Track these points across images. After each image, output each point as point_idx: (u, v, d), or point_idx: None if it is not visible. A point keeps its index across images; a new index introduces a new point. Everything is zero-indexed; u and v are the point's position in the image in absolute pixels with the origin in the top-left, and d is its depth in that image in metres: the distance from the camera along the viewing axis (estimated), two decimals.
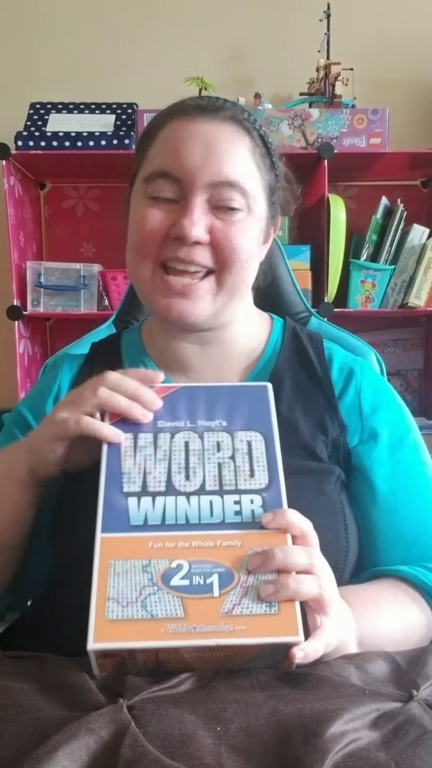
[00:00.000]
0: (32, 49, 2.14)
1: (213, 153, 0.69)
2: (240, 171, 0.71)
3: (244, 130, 0.72)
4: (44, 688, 0.53)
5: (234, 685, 0.51)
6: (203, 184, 0.69)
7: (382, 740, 0.45)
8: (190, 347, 0.77)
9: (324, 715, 0.46)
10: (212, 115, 0.71)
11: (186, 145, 0.69)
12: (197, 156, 0.69)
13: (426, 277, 1.89)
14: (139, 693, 0.50)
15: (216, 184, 0.69)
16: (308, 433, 0.73)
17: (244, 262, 0.72)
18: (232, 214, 0.71)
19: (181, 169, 0.69)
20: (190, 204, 0.69)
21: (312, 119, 1.90)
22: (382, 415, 0.77)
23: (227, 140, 0.71)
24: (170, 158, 0.70)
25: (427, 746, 0.44)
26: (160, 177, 0.70)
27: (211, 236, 0.70)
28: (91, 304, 1.93)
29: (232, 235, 0.70)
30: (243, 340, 0.80)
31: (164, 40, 2.13)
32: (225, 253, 0.70)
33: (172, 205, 0.70)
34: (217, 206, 0.70)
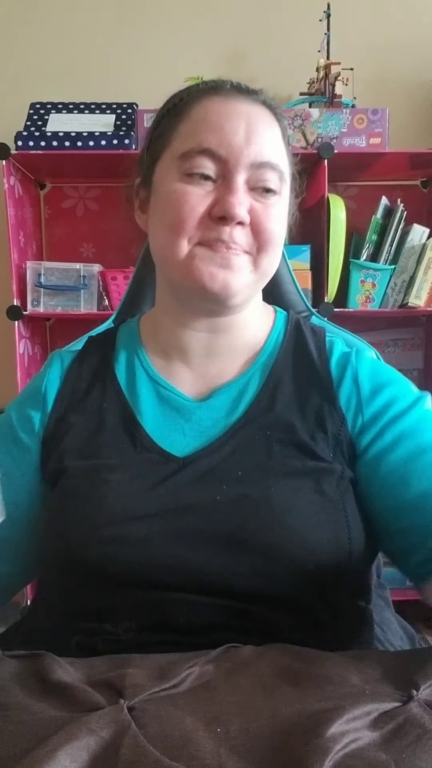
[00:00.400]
0: (32, 49, 2.14)
1: (256, 132, 0.69)
2: (278, 154, 0.71)
3: (276, 117, 0.73)
4: (44, 688, 0.53)
5: (234, 686, 0.51)
6: (246, 163, 0.68)
7: (382, 740, 0.45)
8: (198, 335, 0.76)
9: (324, 715, 0.46)
10: (249, 96, 0.71)
11: (231, 121, 0.68)
12: (241, 133, 0.68)
13: (426, 277, 1.89)
14: (139, 693, 0.50)
15: (258, 165, 0.69)
16: (306, 432, 0.72)
17: (277, 246, 0.72)
18: (268, 197, 0.70)
19: (227, 146, 0.68)
20: (234, 183, 0.68)
21: (312, 119, 1.90)
22: (384, 394, 0.74)
23: (267, 123, 0.71)
24: (213, 135, 0.68)
25: (427, 746, 0.44)
26: (201, 154, 0.68)
27: (251, 217, 0.69)
28: (91, 304, 1.93)
29: (270, 218, 0.70)
30: (249, 331, 0.79)
31: (164, 40, 2.13)
32: (263, 235, 0.70)
33: (210, 184, 0.69)
34: (254, 188, 0.70)
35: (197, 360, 0.77)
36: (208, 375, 0.77)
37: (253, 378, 0.76)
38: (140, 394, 0.76)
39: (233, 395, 0.75)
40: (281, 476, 0.68)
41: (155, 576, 0.65)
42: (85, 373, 0.80)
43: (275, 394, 0.75)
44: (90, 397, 0.77)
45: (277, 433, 0.71)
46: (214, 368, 0.77)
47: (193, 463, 0.70)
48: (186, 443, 0.73)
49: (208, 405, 0.75)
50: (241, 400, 0.75)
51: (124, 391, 0.77)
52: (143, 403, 0.76)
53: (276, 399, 0.74)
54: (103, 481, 0.69)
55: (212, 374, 0.77)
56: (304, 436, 0.71)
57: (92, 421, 0.75)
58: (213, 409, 0.74)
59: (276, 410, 0.73)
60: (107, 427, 0.74)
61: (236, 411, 0.74)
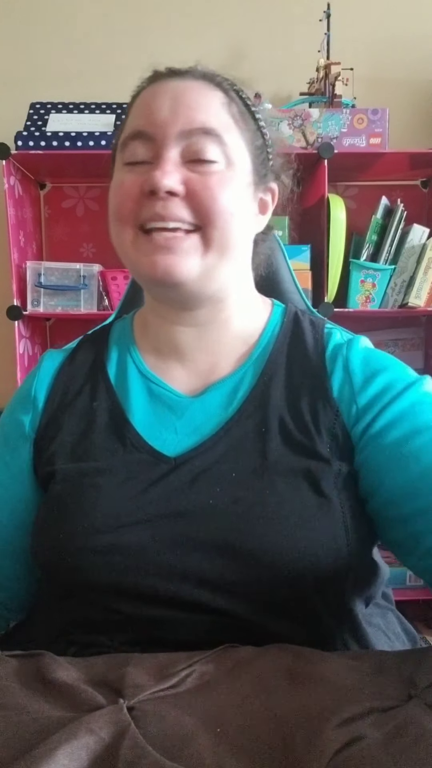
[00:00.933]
0: (32, 49, 2.14)
1: (182, 103, 0.67)
2: (213, 118, 0.68)
3: (216, 85, 0.70)
4: (44, 688, 0.53)
5: (234, 686, 0.51)
6: (174, 134, 0.66)
7: (382, 740, 0.45)
8: (185, 330, 0.74)
9: (324, 715, 0.46)
10: (182, 74, 0.70)
11: (155, 101, 0.68)
12: (166, 109, 0.67)
13: (426, 277, 1.89)
14: (139, 693, 0.50)
15: (188, 133, 0.66)
16: (302, 428, 0.69)
17: (228, 215, 0.67)
18: (208, 166, 0.67)
19: (153, 123, 0.67)
20: (161, 158, 0.66)
21: (312, 119, 1.90)
22: (378, 381, 0.70)
23: (197, 92, 0.69)
24: (141, 118, 0.68)
25: (427, 746, 0.44)
26: (133, 139, 0.68)
27: (186, 188, 0.66)
28: (91, 304, 1.93)
29: (211, 185, 0.66)
30: (240, 324, 0.76)
31: (164, 39, 2.13)
32: (205, 204, 0.66)
33: (147, 166, 0.68)
34: (192, 159, 0.67)
35: (189, 355, 0.75)
36: (202, 371, 0.75)
37: (248, 372, 0.74)
38: (131, 391, 0.75)
39: (227, 391, 0.73)
40: (276, 477, 0.66)
41: (149, 585, 0.63)
42: (77, 372, 0.78)
43: (269, 388, 0.72)
44: (81, 396, 0.76)
45: (271, 430, 0.69)
46: (206, 363, 0.75)
47: (186, 463, 0.68)
48: (178, 441, 0.71)
49: (201, 401, 0.73)
50: (235, 396, 0.72)
51: (115, 389, 0.75)
52: (134, 400, 0.74)
53: (270, 394, 0.71)
54: (92, 486, 0.68)
55: (206, 370, 0.75)
56: (299, 433, 0.69)
57: (83, 421, 0.74)
58: (206, 405, 0.72)
59: (270, 405, 0.71)
60: (97, 427, 0.73)
61: (230, 407, 0.72)
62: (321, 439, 0.69)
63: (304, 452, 0.68)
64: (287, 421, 0.70)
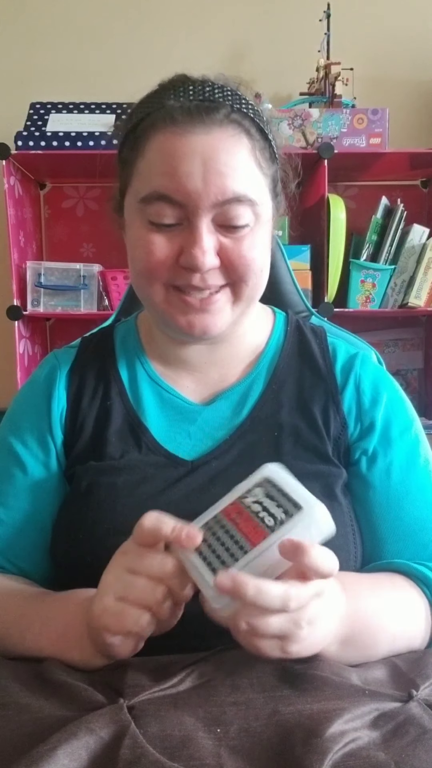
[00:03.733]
0: (32, 49, 2.14)
1: (214, 170, 0.63)
2: (245, 182, 0.65)
3: (242, 129, 0.66)
4: (44, 688, 0.53)
5: (234, 686, 0.51)
6: (208, 205, 0.64)
7: (382, 740, 0.45)
8: (197, 348, 0.75)
9: (324, 716, 0.46)
10: (205, 121, 0.64)
11: (183, 164, 0.63)
12: (197, 176, 0.63)
13: (426, 277, 1.89)
14: (139, 693, 0.50)
15: (222, 203, 0.64)
16: (314, 433, 0.71)
17: (258, 272, 0.69)
18: (239, 231, 0.66)
19: (183, 192, 0.63)
20: (197, 230, 0.64)
21: (312, 119, 1.90)
22: (381, 409, 0.74)
23: (226, 151, 0.64)
24: (168, 180, 0.64)
25: (426, 746, 0.44)
26: (159, 200, 0.64)
27: (221, 257, 0.66)
28: (91, 304, 1.93)
29: (244, 252, 0.66)
30: (249, 338, 0.78)
31: (164, 39, 2.13)
32: (239, 270, 0.67)
33: (176, 229, 0.66)
34: (222, 224, 0.66)
35: (199, 368, 0.77)
36: (210, 381, 0.77)
37: (257, 380, 0.76)
38: (143, 396, 0.76)
39: (237, 398, 0.75)
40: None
41: None
42: (89, 374, 0.78)
43: (279, 396, 0.74)
44: (96, 397, 0.76)
45: (284, 434, 0.71)
46: (215, 374, 0.77)
47: (203, 466, 0.70)
48: (192, 446, 0.72)
49: (213, 408, 0.74)
50: (246, 403, 0.74)
51: (128, 392, 0.76)
52: (147, 406, 0.75)
53: (281, 401, 0.74)
54: (110, 486, 0.69)
55: (214, 380, 0.77)
56: (311, 436, 0.71)
57: (99, 421, 0.74)
58: (218, 412, 0.74)
59: (282, 412, 0.73)
60: (112, 426, 0.73)
61: (241, 413, 0.74)
62: (330, 445, 0.72)
63: (316, 455, 0.70)
64: (300, 425, 0.72)
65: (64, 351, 0.82)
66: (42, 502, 0.74)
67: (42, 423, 0.76)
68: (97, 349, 0.81)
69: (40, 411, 0.76)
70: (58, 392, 0.77)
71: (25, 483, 0.74)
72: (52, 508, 0.74)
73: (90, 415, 0.75)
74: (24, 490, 0.74)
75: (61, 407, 0.76)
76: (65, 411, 0.76)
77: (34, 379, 0.81)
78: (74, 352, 0.81)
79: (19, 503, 0.74)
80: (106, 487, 0.69)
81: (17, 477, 0.74)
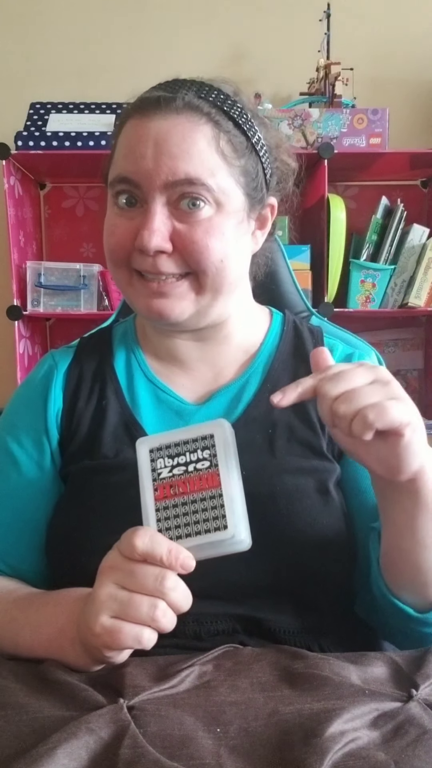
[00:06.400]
0: (32, 49, 2.14)
1: (164, 151, 0.64)
2: (199, 167, 0.65)
3: (204, 116, 0.66)
4: (44, 688, 0.53)
5: (234, 686, 0.51)
6: (159, 185, 0.65)
7: (382, 740, 0.45)
8: (184, 344, 0.76)
9: (323, 715, 0.47)
10: (162, 107, 0.66)
11: (138, 146, 0.66)
12: (149, 156, 0.65)
13: (426, 277, 1.89)
14: (139, 693, 0.50)
15: (172, 184, 0.65)
16: (308, 429, 0.72)
17: (218, 261, 0.67)
18: (195, 215, 0.66)
19: (137, 173, 0.66)
20: (148, 211, 0.66)
21: (312, 119, 1.90)
22: None
23: (180, 135, 0.65)
24: (126, 162, 0.67)
25: (426, 746, 0.44)
26: (120, 182, 0.67)
27: (175, 242, 0.66)
28: (91, 304, 1.93)
29: (198, 238, 0.66)
30: (241, 336, 0.78)
31: (164, 40, 2.13)
32: (194, 257, 0.66)
33: (136, 210, 0.67)
34: (178, 207, 0.66)
35: (190, 365, 0.77)
36: (204, 380, 0.77)
37: (251, 379, 0.76)
38: (139, 395, 0.76)
39: (231, 396, 0.75)
40: (285, 474, 0.68)
41: None
42: (86, 373, 0.78)
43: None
44: (92, 397, 0.76)
45: (279, 430, 0.71)
46: (210, 373, 0.77)
47: None
48: None
49: (208, 408, 0.75)
50: (240, 401, 0.74)
51: (124, 391, 0.76)
52: (142, 404, 0.75)
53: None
54: (104, 485, 0.69)
55: (209, 379, 0.77)
56: (306, 433, 0.71)
57: (94, 421, 0.75)
58: (212, 412, 0.74)
59: (276, 410, 0.72)
60: (107, 426, 0.74)
61: (235, 411, 0.74)
62: (325, 439, 0.72)
63: (311, 450, 0.71)
64: (293, 421, 0.72)
65: (61, 351, 0.83)
66: (36, 502, 0.74)
67: (38, 423, 0.76)
68: (95, 349, 0.81)
69: (37, 411, 0.77)
70: (55, 392, 0.77)
71: (19, 482, 0.74)
72: (47, 508, 0.74)
73: (86, 415, 0.75)
74: (18, 490, 0.74)
75: (57, 407, 0.76)
76: (61, 411, 0.76)
77: (30, 378, 0.81)
78: (72, 352, 0.81)
79: (13, 503, 0.74)
80: (100, 486, 0.69)
81: (12, 476, 0.74)
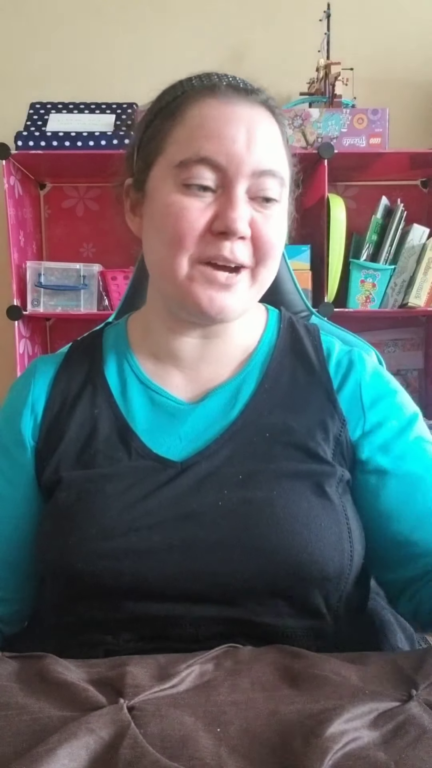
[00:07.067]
0: (32, 49, 2.14)
1: (256, 139, 0.65)
2: (279, 160, 0.68)
3: (275, 117, 0.69)
4: (44, 688, 0.53)
5: (234, 686, 0.51)
6: (247, 172, 0.65)
7: (382, 740, 0.45)
8: (191, 342, 0.74)
9: (323, 715, 0.46)
10: (248, 97, 0.67)
11: (229, 128, 0.64)
12: (241, 141, 0.64)
13: (426, 277, 1.89)
14: (139, 693, 0.50)
15: (259, 173, 0.65)
16: (306, 432, 0.70)
17: (277, 257, 0.70)
18: (269, 206, 0.67)
19: (227, 154, 0.64)
20: (234, 194, 0.65)
21: (312, 119, 1.90)
22: (383, 406, 0.74)
23: (266, 126, 0.67)
24: (211, 143, 0.64)
25: (426, 746, 0.44)
26: (199, 163, 0.64)
27: (252, 230, 0.67)
28: (91, 304, 1.93)
29: (271, 231, 0.67)
30: (241, 334, 0.77)
31: (164, 40, 2.13)
32: (264, 249, 0.67)
33: (208, 196, 0.65)
34: (254, 197, 0.66)
35: (190, 364, 0.75)
36: (201, 379, 0.75)
37: (248, 378, 0.75)
38: (133, 400, 0.74)
39: (228, 396, 0.74)
40: (283, 479, 0.67)
41: (158, 587, 0.63)
42: (74, 379, 0.77)
43: (272, 394, 0.73)
44: (81, 404, 0.75)
45: (276, 434, 0.70)
46: (207, 372, 0.75)
47: (192, 467, 0.68)
48: (182, 447, 0.71)
49: (203, 407, 0.73)
50: (237, 401, 0.73)
51: (116, 398, 0.75)
52: (136, 409, 0.74)
53: (273, 400, 0.73)
54: (98, 492, 0.68)
55: (205, 378, 0.75)
56: (303, 437, 0.70)
57: (84, 429, 0.73)
58: (208, 411, 0.73)
59: (274, 411, 0.72)
60: (100, 435, 0.72)
61: (232, 412, 0.72)
62: (327, 444, 0.71)
63: (308, 455, 0.70)
64: (292, 425, 0.71)
65: (49, 358, 0.81)
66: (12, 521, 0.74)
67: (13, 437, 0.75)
68: (85, 354, 0.80)
69: (12, 425, 0.76)
70: (33, 402, 0.76)
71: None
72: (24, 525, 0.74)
73: (75, 423, 0.74)
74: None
75: (36, 418, 0.75)
76: (41, 421, 0.75)
77: (12, 387, 0.80)
78: (59, 359, 0.80)
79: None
80: (96, 494, 0.68)
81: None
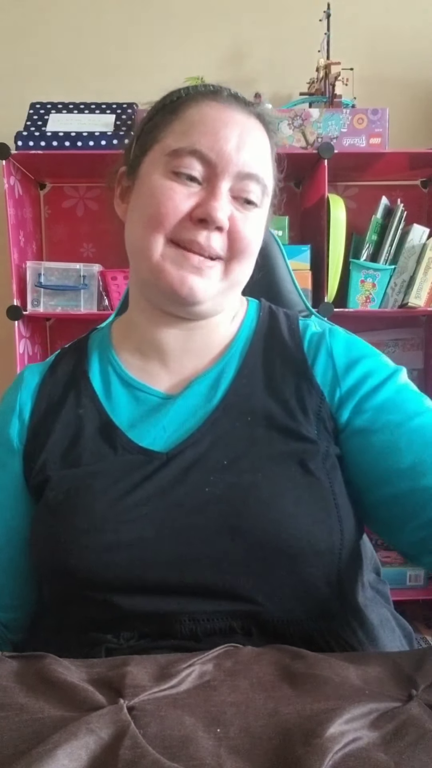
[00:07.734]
0: (32, 49, 2.14)
1: (246, 143, 0.70)
2: (264, 167, 0.72)
3: (267, 131, 0.74)
4: (44, 688, 0.53)
5: (234, 686, 0.51)
6: (233, 171, 0.69)
7: (382, 740, 0.45)
8: (174, 334, 0.76)
9: (324, 716, 0.46)
10: (246, 107, 0.72)
11: (224, 129, 0.69)
12: (233, 142, 0.69)
13: (426, 277, 1.89)
14: (139, 694, 0.50)
15: (244, 175, 0.70)
16: (286, 413, 0.71)
17: (251, 255, 0.73)
18: (249, 208, 0.72)
19: (218, 151, 0.69)
20: (218, 188, 0.69)
21: (312, 119, 1.89)
22: (359, 369, 0.74)
23: (258, 137, 0.72)
24: (206, 138, 0.69)
25: (426, 746, 0.44)
26: (191, 155, 0.69)
27: (230, 225, 0.70)
28: (91, 304, 1.93)
29: (248, 228, 0.71)
30: (224, 325, 0.79)
31: (164, 40, 2.13)
32: (238, 244, 0.71)
33: (194, 186, 0.70)
34: (237, 197, 0.71)
35: (174, 357, 0.77)
36: (185, 371, 0.77)
37: (228, 366, 0.76)
38: (116, 398, 0.76)
39: (209, 384, 0.75)
40: (267, 461, 0.68)
41: (151, 579, 0.64)
42: (58, 383, 0.79)
43: (251, 379, 0.75)
44: (66, 405, 0.77)
45: (257, 418, 0.72)
46: (190, 364, 0.77)
47: (177, 456, 0.70)
48: (166, 438, 0.72)
49: (185, 397, 0.75)
50: (218, 388, 0.75)
51: (100, 397, 0.77)
52: (120, 407, 0.76)
53: (252, 386, 0.74)
54: (86, 489, 0.69)
55: (188, 370, 0.77)
56: (284, 418, 0.71)
57: (70, 429, 0.75)
58: (190, 401, 0.74)
59: (254, 396, 0.73)
60: (86, 433, 0.74)
61: (213, 399, 0.74)
62: (308, 422, 0.71)
63: (290, 435, 0.70)
64: (271, 407, 0.72)
65: (36, 366, 0.84)
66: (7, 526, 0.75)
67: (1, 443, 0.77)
68: (71, 358, 0.82)
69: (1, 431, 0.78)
70: (21, 409, 0.78)
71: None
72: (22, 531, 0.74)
73: (61, 424, 0.75)
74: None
75: (24, 423, 0.77)
76: (28, 426, 0.77)
77: (3, 396, 0.83)
78: (47, 366, 0.82)
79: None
80: (84, 490, 0.69)
81: None
